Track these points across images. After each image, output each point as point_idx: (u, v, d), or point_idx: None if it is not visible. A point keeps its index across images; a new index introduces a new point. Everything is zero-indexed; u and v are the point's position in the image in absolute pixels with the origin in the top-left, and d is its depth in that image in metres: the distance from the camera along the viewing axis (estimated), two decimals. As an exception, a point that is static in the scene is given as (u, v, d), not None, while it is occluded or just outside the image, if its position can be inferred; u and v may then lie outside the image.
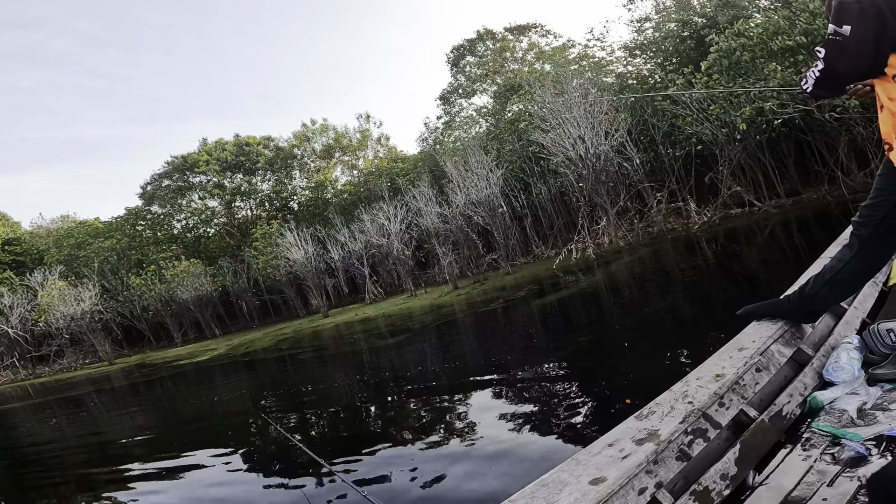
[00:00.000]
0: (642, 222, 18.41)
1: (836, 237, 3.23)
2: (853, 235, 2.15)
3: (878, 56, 1.74)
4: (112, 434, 9.94)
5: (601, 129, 18.08)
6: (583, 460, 1.42)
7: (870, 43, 1.71)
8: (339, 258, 27.49)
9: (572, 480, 1.33)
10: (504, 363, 7.55)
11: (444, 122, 31.57)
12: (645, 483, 1.34)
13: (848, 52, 1.77)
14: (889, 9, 1.66)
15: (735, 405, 1.72)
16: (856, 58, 1.78)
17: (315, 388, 9.49)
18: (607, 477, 1.32)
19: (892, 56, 1.72)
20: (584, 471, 1.37)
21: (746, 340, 2.12)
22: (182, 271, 30.13)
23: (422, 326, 13.50)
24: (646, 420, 1.60)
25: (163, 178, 35.06)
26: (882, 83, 1.81)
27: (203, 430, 8.23)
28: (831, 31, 1.77)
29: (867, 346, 2.16)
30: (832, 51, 1.81)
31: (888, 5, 1.67)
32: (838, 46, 1.77)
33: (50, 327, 29.90)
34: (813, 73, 1.94)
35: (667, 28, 19.28)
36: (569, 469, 1.39)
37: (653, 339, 6.56)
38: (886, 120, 1.87)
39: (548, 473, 1.38)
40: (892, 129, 1.83)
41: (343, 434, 6.20)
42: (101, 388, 18.52)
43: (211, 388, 13.25)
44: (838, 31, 1.74)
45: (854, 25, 1.70)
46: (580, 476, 1.34)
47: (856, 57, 1.77)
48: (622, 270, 13.22)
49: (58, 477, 7.33)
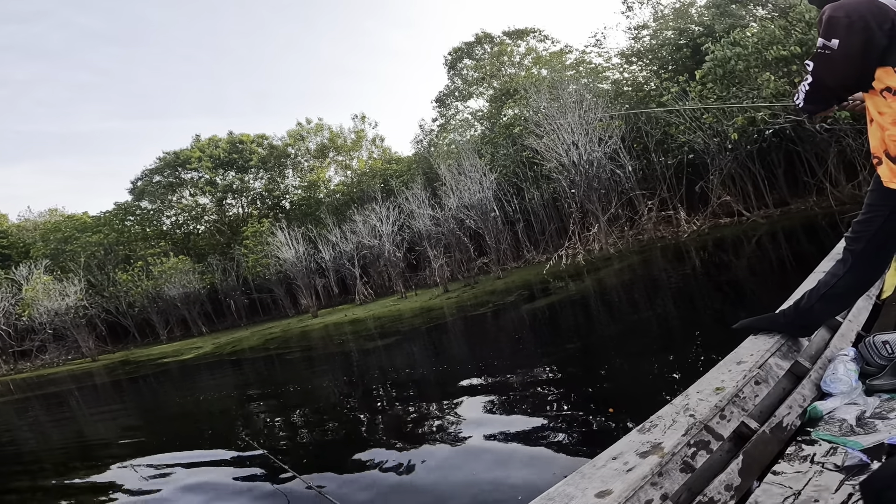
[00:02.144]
0: (633, 229, 18.52)
1: (822, 249, 3.27)
2: (846, 251, 2.17)
3: (864, 70, 1.76)
4: (88, 431, 9.81)
5: (595, 135, 18.18)
6: (588, 473, 1.42)
7: (857, 57, 1.73)
8: (330, 258, 27.37)
9: (578, 494, 1.32)
10: (491, 368, 7.54)
11: (440, 124, 31.57)
12: (651, 495, 1.33)
13: (835, 65, 1.79)
14: (877, 23, 1.68)
15: (736, 417, 1.73)
16: (843, 71, 1.80)
17: (299, 390, 9.41)
18: (613, 490, 1.31)
19: (878, 70, 1.74)
20: (589, 484, 1.36)
21: (745, 354, 2.13)
22: (170, 268, 29.79)
23: (411, 329, 13.47)
24: (648, 433, 1.60)
25: (154, 174, 34.68)
26: (871, 97, 1.83)
27: (183, 429, 8.14)
28: (820, 44, 1.78)
29: (863, 358, 2.19)
30: (820, 64, 1.84)
31: (875, 20, 1.68)
32: (826, 60, 1.80)
33: (34, 322, 29.40)
34: (803, 87, 1.96)
35: (664, 36, 19.41)
36: (574, 482, 1.38)
37: (639, 347, 6.61)
38: (875, 133, 1.89)
39: (553, 487, 1.37)
40: (880, 143, 1.85)
41: (324, 438, 6.13)
42: (83, 385, 18.26)
43: (195, 386, 13.11)
44: (827, 44, 1.76)
45: (842, 40, 1.72)
46: (586, 489, 1.33)
47: (843, 70, 1.79)
48: (611, 277, 13.30)
49: (27, 476, 7.19)
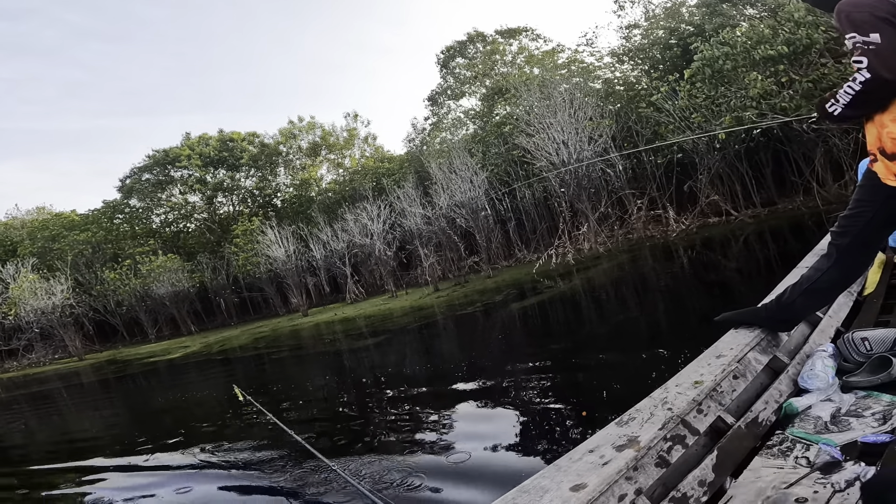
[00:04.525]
0: (622, 229, 18.61)
1: (808, 248, 3.28)
2: (831, 245, 2.15)
3: None
4: (76, 430, 9.70)
5: (584, 134, 18.24)
6: (563, 466, 1.42)
7: None
8: (321, 257, 27.25)
9: (553, 487, 1.32)
10: (479, 367, 7.56)
11: (432, 123, 31.49)
12: (625, 490, 1.34)
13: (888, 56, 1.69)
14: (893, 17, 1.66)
15: (713, 412, 1.73)
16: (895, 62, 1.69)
17: (284, 388, 9.36)
18: (588, 483, 1.31)
19: None
20: (564, 477, 1.36)
21: (724, 348, 2.13)
22: (159, 266, 29.52)
23: (401, 328, 13.45)
24: (626, 426, 1.60)
25: (143, 172, 34.34)
26: None
27: (167, 427, 8.08)
28: (859, 41, 1.69)
29: (841, 355, 2.18)
30: (873, 58, 1.70)
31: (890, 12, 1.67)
32: (876, 54, 1.69)
33: (20, 321, 29.04)
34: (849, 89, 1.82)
35: (654, 35, 19.49)
36: (549, 475, 1.38)
37: (625, 344, 6.66)
38: (872, 131, 1.88)
39: (529, 479, 1.37)
40: (876, 140, 1.84)
41: (309, 436, 6.10)
42: (70, 384, 18.06)
43: (182, 385, 13.00)
44: (867, 40, 1.68)
45: (882, 32, 1.66)
46: (561, 482, 1.33)
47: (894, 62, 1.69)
48: (600, 276, 13.36)
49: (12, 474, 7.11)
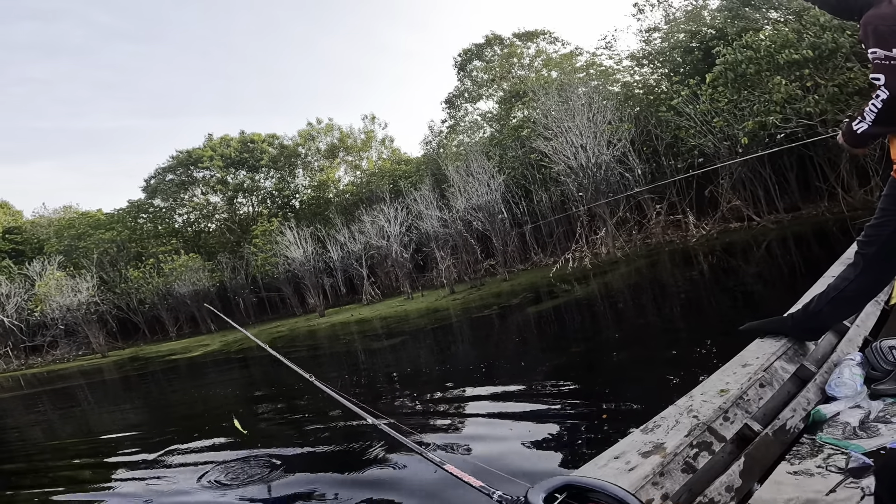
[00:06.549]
0: (641, 233, 18.44)
1: (833, 254, 3.25)
2: (858, 254, 2.15)
3: None
4: (98, 426, 9.89)
5: (603, 138, 18.12)
6: (589, 472, 1.43)
7: None
8: (338, 258, 27.47)
9: None
10: (496, 368, 7.56)
11: (449, 125, 31.55)
12: (651, 495, 1.34)
13: None
14: None
15: (739, 419, 1.73)
16: None
17: (303, 387, 9.46)
18: (614, 488, 1.32)
19: None
20: (590, 482, 1.36)
21: (750, 357, 2.13)
22: (181, 265, 30.06)
23: (417, 329, 13.49)
24: (651, 433, 1.60)
25: (166, 172, 35.03)
26: None
27: (189, 424, 8.20)
28: (880, 55, 1.70)
29: (869, 363, 2.17)
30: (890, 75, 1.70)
31: None
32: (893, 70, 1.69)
33: (45, 318, 29.78)
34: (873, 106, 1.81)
35: (675, 38, 19.30)
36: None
37: (643, 351, 6.58)
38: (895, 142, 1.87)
39: (555, 484, 1.38)
40: None
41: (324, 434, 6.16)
42: (92, 381, 18.46)
43: (203, 383, 13.21)
44: (889, 55, 1.68)
45: None
46: (587, 487, 1.34)
47: None
48: (617, 281, 13.24)
49: (31, 470, 7.26)
